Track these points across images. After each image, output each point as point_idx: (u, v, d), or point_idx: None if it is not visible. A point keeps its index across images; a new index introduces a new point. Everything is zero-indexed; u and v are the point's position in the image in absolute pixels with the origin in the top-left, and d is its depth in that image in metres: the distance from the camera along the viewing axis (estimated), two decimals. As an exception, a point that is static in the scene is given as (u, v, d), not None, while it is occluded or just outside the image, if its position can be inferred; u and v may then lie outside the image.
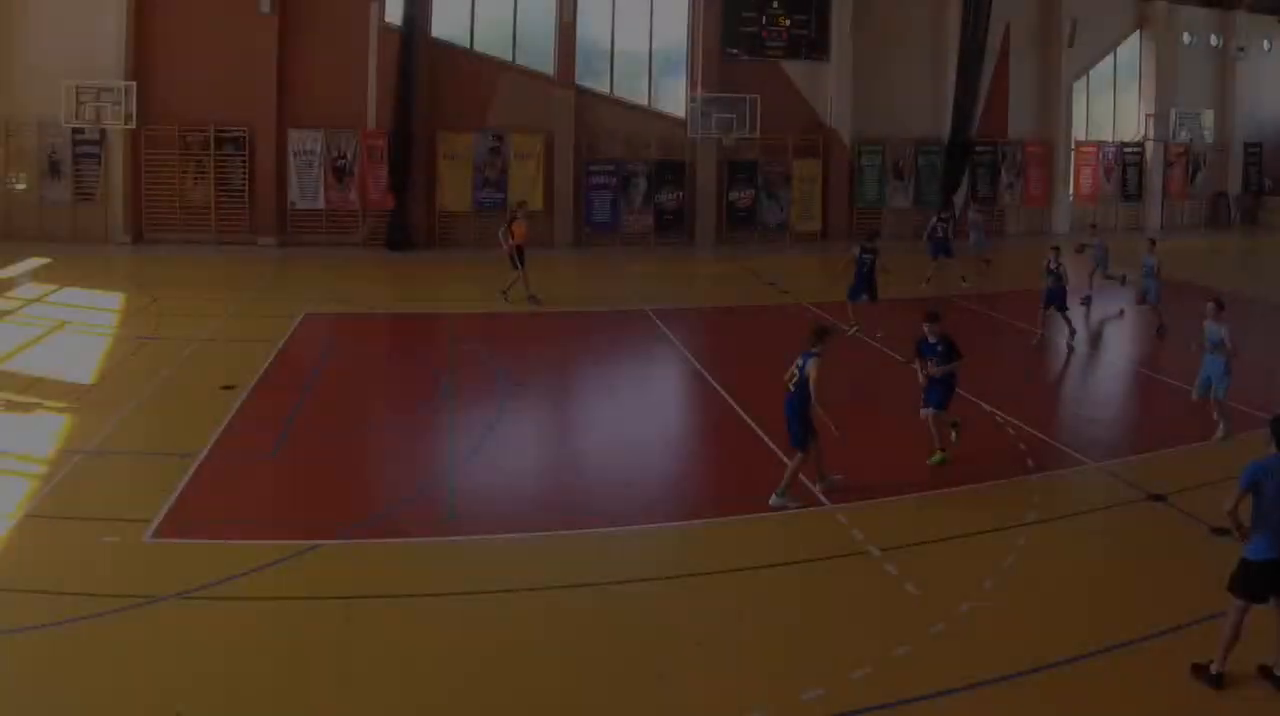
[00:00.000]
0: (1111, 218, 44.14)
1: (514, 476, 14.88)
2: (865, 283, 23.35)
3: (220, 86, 35.39)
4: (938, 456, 14.93)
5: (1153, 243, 25.67)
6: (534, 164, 37.47)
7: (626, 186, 38.34)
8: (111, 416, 16.82)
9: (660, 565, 12.13)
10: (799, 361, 13.35)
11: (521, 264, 26.22)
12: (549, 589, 11.18)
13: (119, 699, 8.93)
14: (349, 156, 36.39)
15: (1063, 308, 23.11)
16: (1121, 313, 26.48)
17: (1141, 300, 24.59)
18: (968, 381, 17.52)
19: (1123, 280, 26.85)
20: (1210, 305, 16.21)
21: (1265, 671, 9.26)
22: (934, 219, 31.30)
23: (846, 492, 13.71)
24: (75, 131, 34.85)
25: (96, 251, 33.83)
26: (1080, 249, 28.09)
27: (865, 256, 23.37)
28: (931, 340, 14.98)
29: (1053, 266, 23.00)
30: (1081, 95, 43.64)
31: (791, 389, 13.35)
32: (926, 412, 14.96)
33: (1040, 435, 16.57)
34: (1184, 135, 43.90)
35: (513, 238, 26.23)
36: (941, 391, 14.99)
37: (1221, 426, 16.18)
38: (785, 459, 14.22)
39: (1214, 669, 9.19)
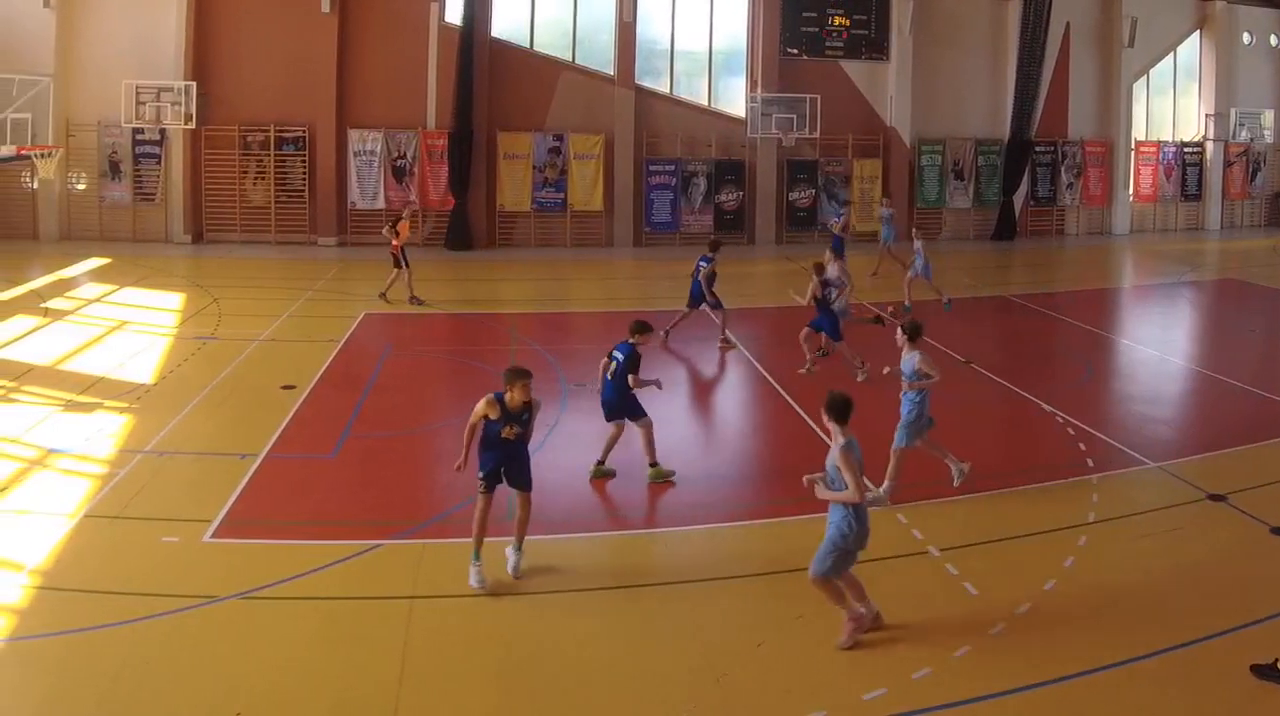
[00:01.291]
0: (1171, 217, 42.27)
1: (574, 476, 14.08)
2: (697, 291, 21.72)
3: (280, 86, 34.18)
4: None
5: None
6: (594, 164, 35.80)
7: (686, 186, 36.58)
8: (171, 416, 16.19)
9: (719, 565, 11.68)
10: (617, 352, 13.73)
11: (405, 263, 25.36)
12: (608, 589, 10.92)
13: (179, 699, 8.66)
14: (409, 156, 34.84)
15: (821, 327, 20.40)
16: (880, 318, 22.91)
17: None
18: (1028, 381, 18.30)
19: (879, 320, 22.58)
20: (899, 334, 13.64)
21: None
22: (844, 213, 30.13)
23: (907, 492, 13.10)
24: (136, 131, 33.54)
25: (156, 251, 32.51)
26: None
27: (702, 263, 21.81)
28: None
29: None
30: (1141, 95, 41.46)
31: (609, 377, 13.73)
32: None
33: (1100, 434, 15.83)
34: (1244, 135, 41.73)
35: (398, 237, 25.40)
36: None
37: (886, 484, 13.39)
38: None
39: None
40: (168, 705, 8.59)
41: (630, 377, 13.57)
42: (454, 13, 34.78)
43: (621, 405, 13.86)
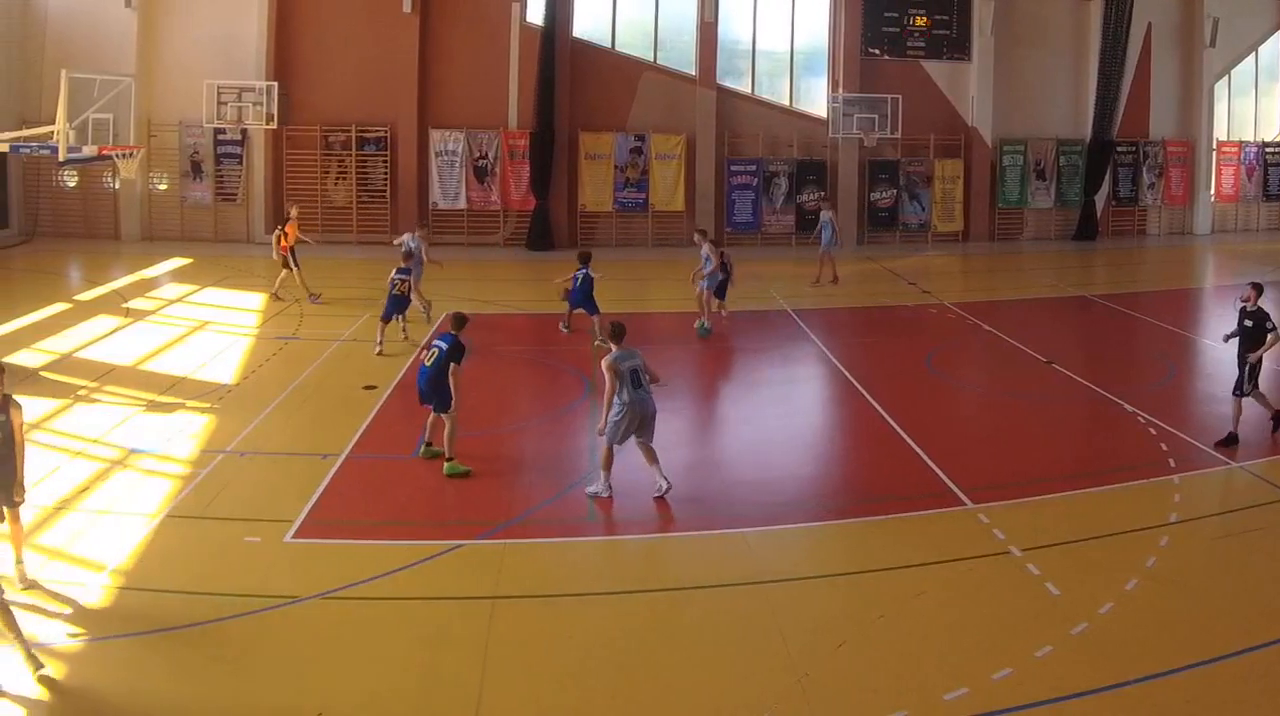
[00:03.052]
0: (1253, 217, 39.41)
1: (654, 476, 13.02)
2: (580, 296, 20.78)
3: (362, 86, 32.25)
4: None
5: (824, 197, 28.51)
6: (675, 164, 33.43)
7: (768, 187, 34.14)
8: (252, 417, 15.59)
9: (802, 565, 11.32)
10: (439, 342, 13.47)
11: (295, 264, 23.93)
12: (691, 588, 10.49)
13: (260, 699, 8.38)
14: (490, 156, 32.64)
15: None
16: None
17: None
18: (1110, 381, 17.65)
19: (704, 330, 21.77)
20: None
21: None
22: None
23: (989, 492, 12.73)
24: (217, 132, 31.61)
25: (238, 251, 30.69)
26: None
27: (580, 272, 20.91)
28: None
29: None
30: (1223, 95, 38.60)
31: (428, 364, 13.39)
32: None
33: (1181, 434, 15.09)
34: (1325, 135, 38.83)
35: (286, 239, 24.02)
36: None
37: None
38: (926, 457, 13.94)
39: None
40: (249, 705, 8.29)
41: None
42: (535, 13, 32.65)
43: (432, 394, 13.48)
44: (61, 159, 18.85)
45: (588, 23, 33.89)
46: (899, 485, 13.21)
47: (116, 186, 31.63)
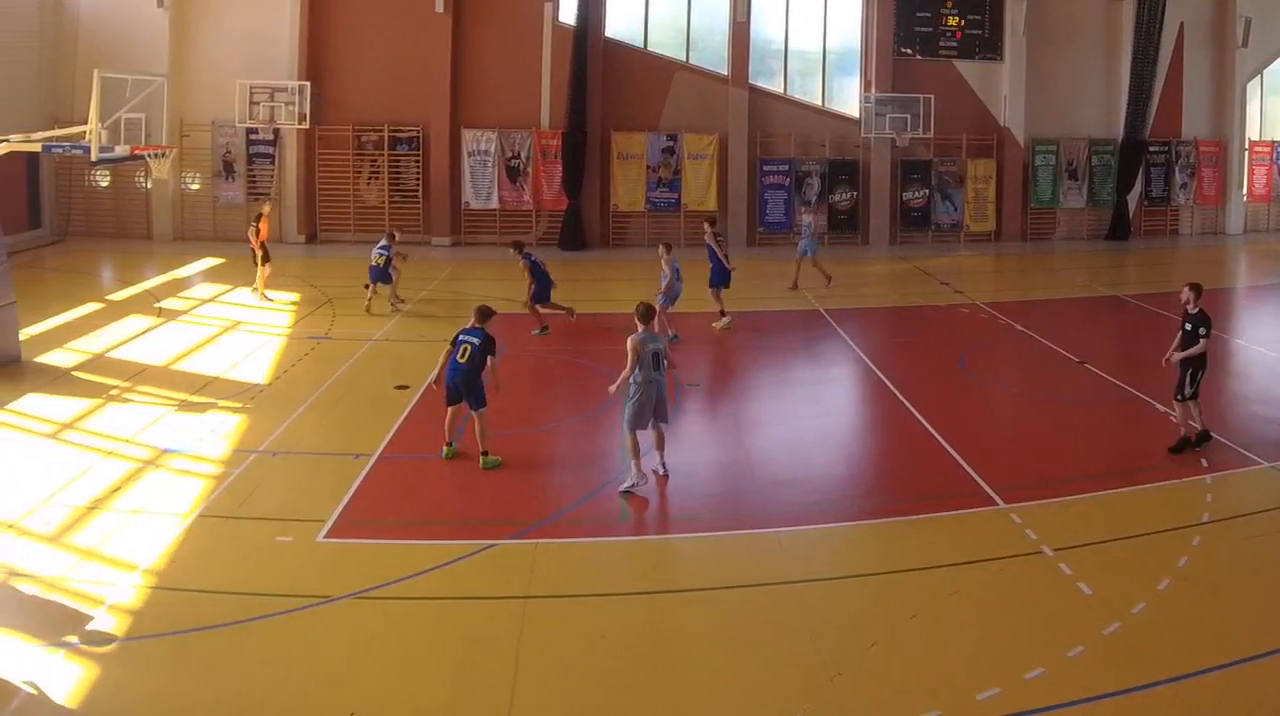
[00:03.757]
0: (1286, 218, 38.29)
1: (687, 476, 13.17)
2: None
3: (394, 86, 31.49)
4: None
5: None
6: (707, 164, 32.52)
7: (800, 186, 33.18)
8: (285, 416, 15.25)
9: (833, 565, 11.07)
10: (469, 337, 13.27)
11: (264, 259, 23.77)
12: (722, 588, 10.24)
13: (293, 699, 8.14)
14: (523, 156, 31.79)
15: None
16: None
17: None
18: (1141, 381, 16.92)
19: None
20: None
21: None
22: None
23: (1021, 492, 12.44)
24: (249, 131, 30.82)
25: (270, 251, 29.98)
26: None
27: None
28: None
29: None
30: (1255, 94, 37.53)
31: (461, 360, 13.11)
32: None
33: (1214, 435, 14.33)
34: (1357, 135, 37.55)
35: (259, 234, 23.75)
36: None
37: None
38: (958, 457, 13.68)
39: None
40: (281, 705, 8.09)
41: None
42: (568, 12, 31.78)
43: (470, 391, 13.27)
44: (94, 159, 18.44)
45: (620, 23, 33.01)
46: (931, 485, 12.98)
47: (149, 186, 30.94)
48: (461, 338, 13.34)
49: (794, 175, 33.46)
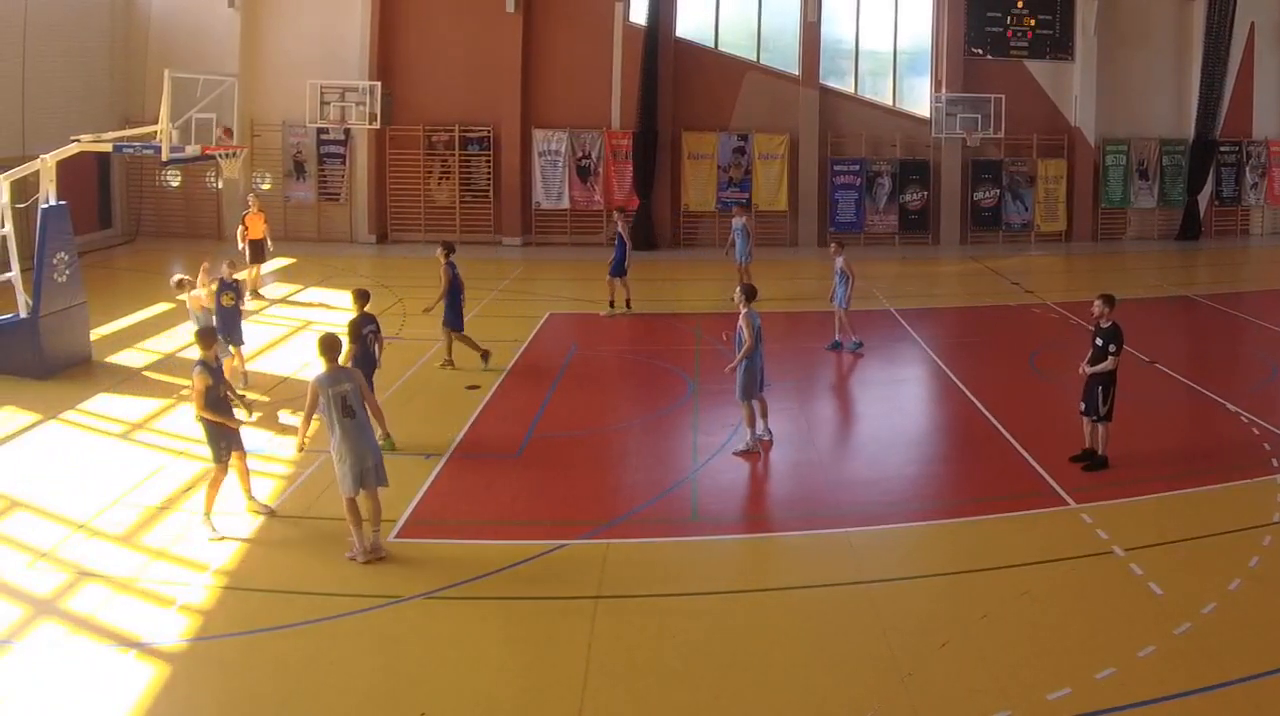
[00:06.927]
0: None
1: (758, 476, 12.79)
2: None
3: (465, 86, 29.15)
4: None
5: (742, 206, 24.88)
6: (778, 164, 29.86)
7: (871, 186, 30.53)
8: None
9: (905, 565, 10.37)
10: (753, 319, 12.88)
11: (257, 258, 22.72)
12: (794, 588, 9.72)
13: (363, 699, 7.75)
14: (593, 156, 29.31)
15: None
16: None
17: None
18: (1213, 381, 16.43)
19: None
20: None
21: None
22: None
23: (1092, 492, 11.67)
24: (320, 131, 28.57)
25: (341, 251, 27.95)
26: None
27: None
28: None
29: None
30: None
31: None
32: None
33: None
34: None
35: (248, 231, 22.69)
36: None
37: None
38: (1029, 457, 12.95)
39: None
40: (352, 704, 7.71)
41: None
42: (638, 12, 29.21)
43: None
44: (164, 159, 17.13)
45: (690, 23, 30.41)
46: (1002, 485, 12.41)
47: (220, 186, 28.76)
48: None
49: (865, 175, 30.73)
